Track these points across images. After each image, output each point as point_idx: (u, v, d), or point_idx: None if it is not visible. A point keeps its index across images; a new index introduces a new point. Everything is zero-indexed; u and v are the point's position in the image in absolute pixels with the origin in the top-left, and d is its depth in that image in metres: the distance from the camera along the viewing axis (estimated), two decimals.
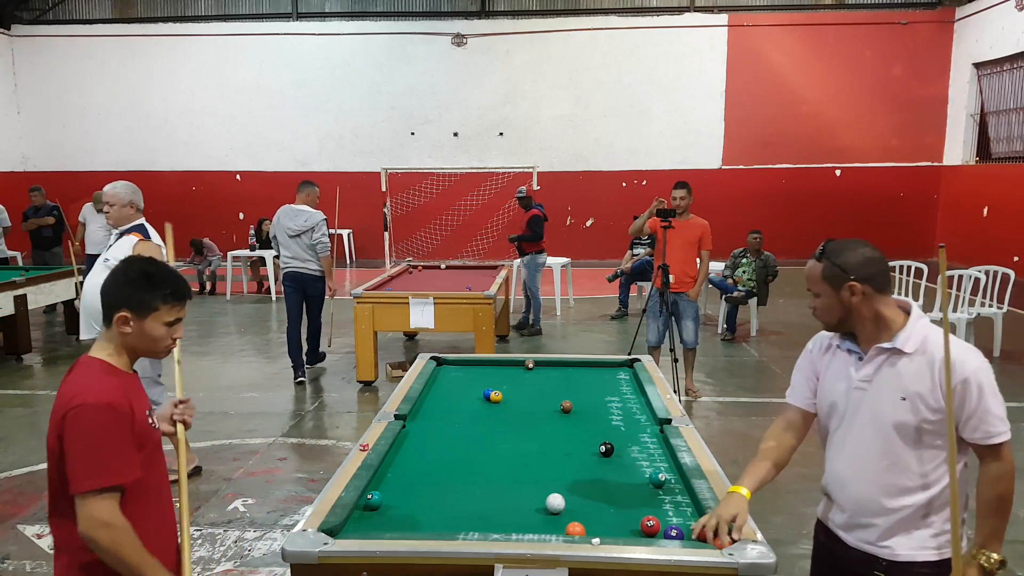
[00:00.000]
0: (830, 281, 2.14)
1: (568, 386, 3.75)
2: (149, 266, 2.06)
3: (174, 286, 2.05)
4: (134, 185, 4.74)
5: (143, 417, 1.99)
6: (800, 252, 14.85)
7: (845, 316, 2.14)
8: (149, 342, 2.05)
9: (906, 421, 2.05)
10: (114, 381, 1.98)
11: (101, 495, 1.85)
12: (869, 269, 2.10)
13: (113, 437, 1.89)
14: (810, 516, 4.26)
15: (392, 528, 2.22)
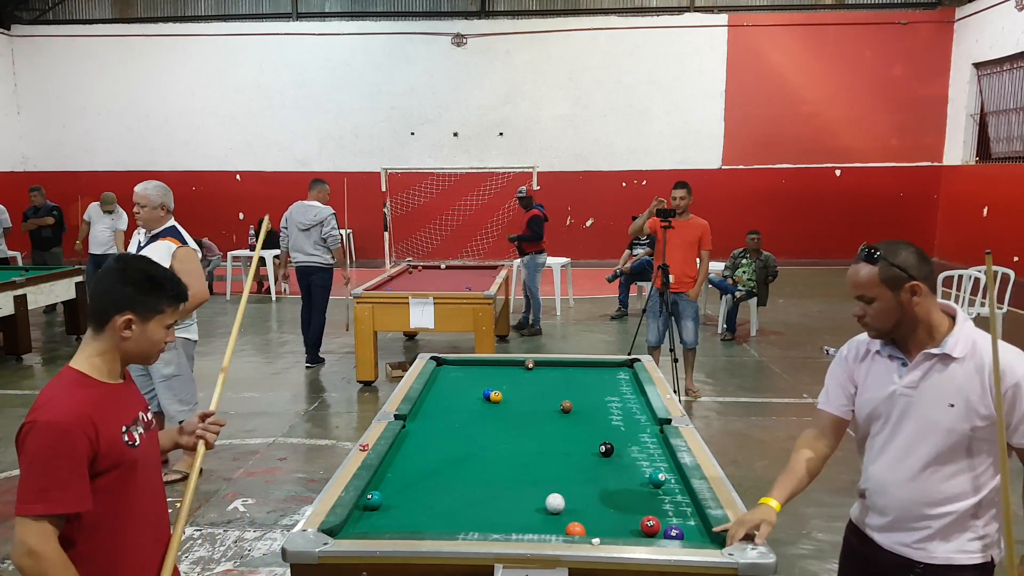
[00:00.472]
0: (889, 284, 2.02)
1: (568, 386, 3.75)
2: (150, 267, 1.97)
3: (176, 289, 1.98)
4: (165, 185, 4.65)
5: (114, 436, 1.81)
6: (800, 252, 14.93)
7: (901, 320, 2.05)
8: (148, 346, 1.94)
9: (955, 428, 2.01)
10: (81, 396, 1.81)
11: (36, 520, 1.70)
12: (925, 269, 2.04)
13: (58, 463, 1.71)
14: (810, 516, 4.28)
15: (392, 528, 2.22)
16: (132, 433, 1.88)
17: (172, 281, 1.97)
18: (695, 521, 2.29)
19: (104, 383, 1.88)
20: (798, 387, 6.90)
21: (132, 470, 1.87)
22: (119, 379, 1.94)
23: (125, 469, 1.84)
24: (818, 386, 6.89)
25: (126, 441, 1.85)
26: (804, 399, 6.53)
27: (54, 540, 1.71)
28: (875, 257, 2.03)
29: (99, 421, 1.78)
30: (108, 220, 9.39)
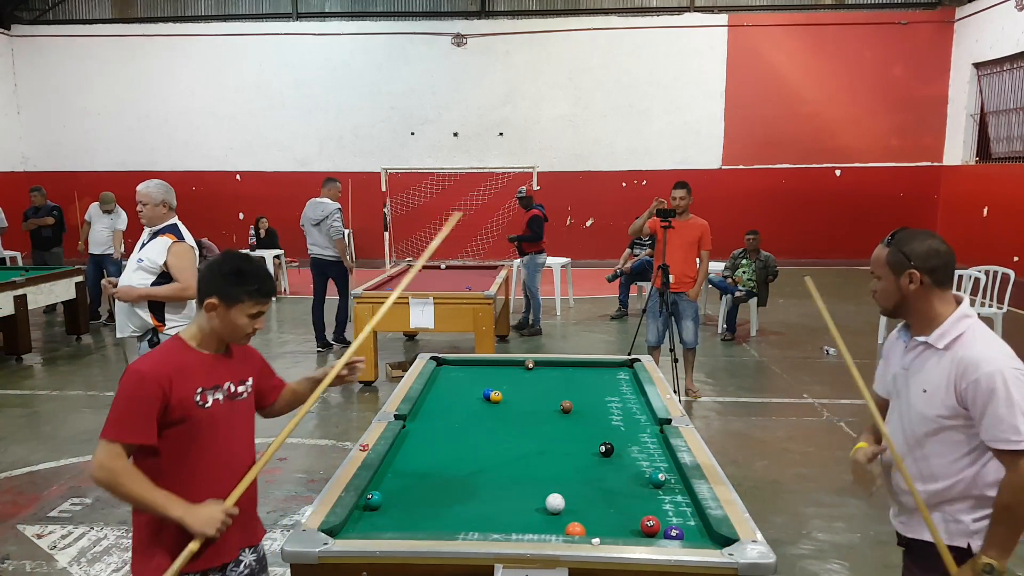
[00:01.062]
0: (892, 267, 2.18)
1: (568, 386, 3.75)
2: (242, 263, 2.25)
3: (261, 284, 2.24)
4: (167, 184, 4.70)
5: (186, 394, 2.12)
6: (800, 252, 14.92)
7: (900, 302, 2.21)
8: (232, 329, 2.23)
9: (925, 413, 2.15)
10: (168, 356, 2.17)
11: (108, 443, 2.06)
12: (933, 261, 2.14)
13: (131, 403, 2.08)
14: (810, 516, 4.28)
15: (392, 528, 2.22)
16: (206, 396, 2.17)
17: (258, 277, 2.24)
18: (695, 521, 2.29)
19: (197, 351, 2.22)
20: (798, 387, 6.90)
21: (201, 424, 2.16)
22: (216, 351, 2.26)
23: (194, 423, 2.14)
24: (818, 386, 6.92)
25: (197, 401, 2.15)
26: (804, 399, 6.54)
27: (121, 459, 2.06)
28: (889, 241, 2.21)
29: (176, 379, 2.11)
30: (107, 220, 9.39)
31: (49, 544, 3.99)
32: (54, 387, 7.01)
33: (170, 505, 2.08)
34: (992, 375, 2.01)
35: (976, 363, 2.04)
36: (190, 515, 2.08)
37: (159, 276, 4.59)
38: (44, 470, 5.03)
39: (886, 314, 2.31)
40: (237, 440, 2.27)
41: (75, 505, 4.46)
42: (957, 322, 2.14)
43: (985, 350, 2.07)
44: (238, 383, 2.29)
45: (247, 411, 2.33)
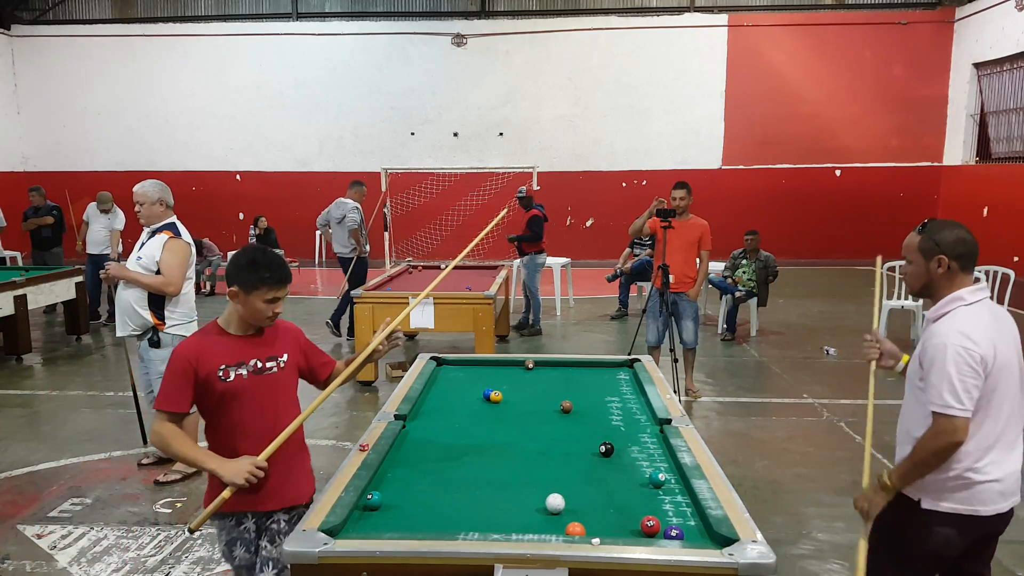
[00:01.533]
0: (924, 252, 2.46)
1: (568, 386, 3.75)
2: (256, 254, 2.54)
3: (273, 272, 2.51)
4: (163, 183, 4.77)
5: (211, 369, 2.48)
6: (800, 252, 14.92)
7: (928, 284, 2.48)
8: (253, 312, 2.54)
9: (911, 377, 2.50)
10: (201, 337, 2.59)
11: (158, 412, 2.52)
12: (960, 249, 2.42)
13: (170, 376, 2.52)
14: (810, 516, 4.28)
15: (392, 528, 2.22)
16: (228, 372, 2.51)
17: (271, 266, 2.51)
18: (695, 521, 2.29)
19: (228, 333, 2.59)
20: (798, 387, 6.90)
21: (226, 396, 2.51)
22: (245, 332, 2.59)
23: (220, 395, 2.50)
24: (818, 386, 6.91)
25: (219, 376, 2.49)
26: (804, 399, 6.53)
27: (167, 424, 2.48)
28: (923, 229, 2.48)
29: (204, 355, 2.51)
30: (105, 220, 9.38)
31: (49, 544, 3.99)
32: (54, 387, 7.01)
33: (207, 460, 2.47)
34: (938, 346, 2.33)
35: (934, 334, 2.37)
36: (223, 468, 2.43)
37: (158, 273, 4.61)
38: (44, 470, 5.03)
39: (913, 293, 2.58)
40: (271, 407, 2.57)
41: (75, 505, 4.46)
42: (949, 303, 2.42)
43: (949, 326, 2.35)
44: (265, 360, 2.58)
45: (280, 383, 2.61)
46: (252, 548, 2.62)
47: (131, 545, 3.97)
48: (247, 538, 2.62)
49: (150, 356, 4.70)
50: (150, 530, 4.14)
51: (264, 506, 2.57)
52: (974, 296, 2.41)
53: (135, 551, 3.90)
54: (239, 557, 2.64)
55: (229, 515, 2.58)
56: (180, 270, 4.62)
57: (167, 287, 4.58)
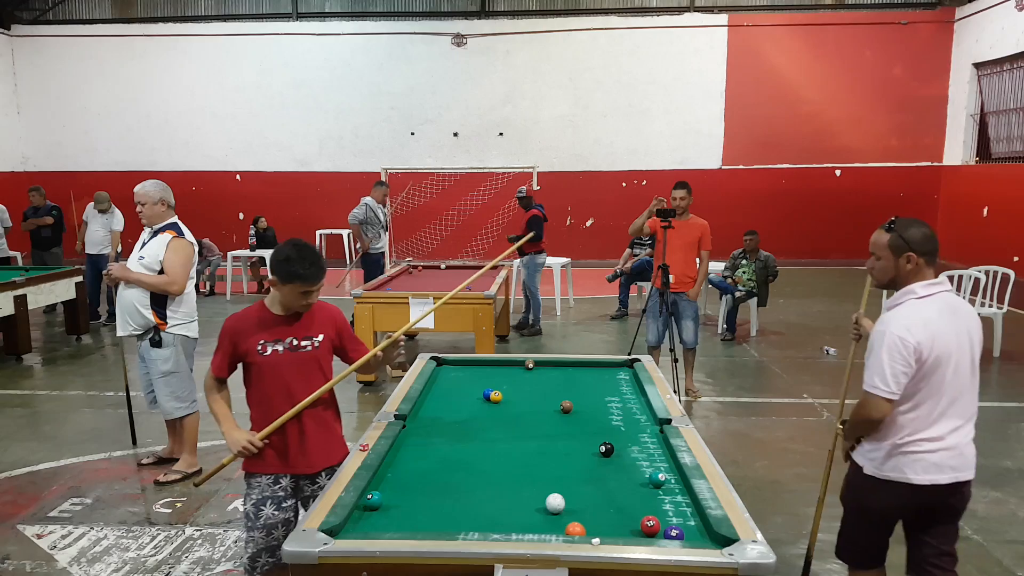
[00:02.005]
0: (893, 249, 2.66)
1: (568, 386, 3.75)
2: (292, 251, 2.78)
3: (305, 270, 2.75)
4: (163, 183, 4.78)
5: (251, 343, 2.83)
6: (800, 252, 14.92)
7: (895, 279, 2.68)
8: (288, 299, 2.83)
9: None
10: (246, 315, 2.90)
11: (208, 373, 2.93)
12: (927, 246, 2.64)
13: (218, 343, 2.89)
14: (810, 516, 4.26)
15: (392, 528, 2.22)
16: (266, 347, 2.83)
17: (303, 264, 2.75)
18: (695, 521, 2.29)
19: (270, 312, 2.88)
20: (798, 387, 6.90)
21: (262, 368, 2.85)
22: (286, 313, 2.87)
23: (257, 366, 2.85)
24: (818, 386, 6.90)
25: (258, 349, 2.83)
26: (804, 399, 6.53)
27: (211, 383, 2.93)
28: (891, 228, 2.68)
29: (245, 330, 2.86)
30: (103, 220, 9.35)
31: (49, 544, 3.99)
32: (54, 387, 7.01)
33: (223, 423, 2.87)
34: (880, 333, 2.58)
35: (881, 322, 2.62)
36: (228, 434, 2.83)
37: (161, 272, 4.61)
38: (44, 470, 5.03)
39: (879, 287, 2.77)
40: (300, 382, 2.85)
41: (75, 505, 4.46)
42: (903, 295, 2.65)
43: (894, 317, 2.60)
44: (301, 339, 2.87)
45: (311, 361, 2.89)
46: (282, 507, 2.84)
47: (131, 545, 3.97)
48: (280, 496, 2.85)
49: (151, 356, 4.70)
50: (150, 530, 4.14)
51: (306, 469, 2.88)
52: (926, 290, 2.62)
53: (135, 551, 3.90)
54: (267, 515, 2.83)
55: (266, 474, 2.86)
56: (183, 269, 4.63)
57: (171, 286, 4.59)
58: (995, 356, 7.79)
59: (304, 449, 2.85)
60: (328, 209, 15.88)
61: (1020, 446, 5.48)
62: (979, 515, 4.31)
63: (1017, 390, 6.78)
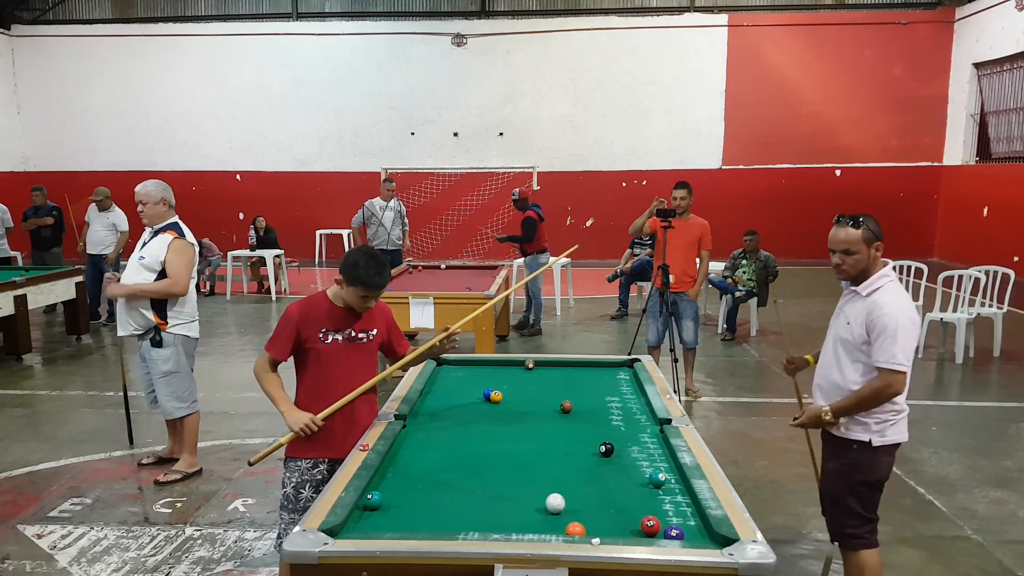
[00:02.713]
0: (867, 242, 2.91)
1: (568, 386, 3.75)
2: (360, 258, 2.95)
3: (368, 279, 2.92)
4: (164, 183, 4.79)
5: (313, 329, 3.01)
6: (800, 252, 14.91)
7: (865, 268, 2.94)
8: (351, 301, 3.02)
9: (847, 338, 2.97)
10: (311, 303, 3.07)
11: (264, 352, 3.06)
12: (881, 234, 2.96)
13: (279, 328, 3.05)
14: (810, 516, 4.28)
15: (392, 528, 2.21)
16: (327, 335, 3.03)
17: (368, 273, 2.92)
18: (695, 521, 2.29)
19: (332, 303, 3.07)
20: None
21: (322, 354, 3.04)
22: (345, 306, 3.05)
23: (316, 352, 3.04)
24: None
25: (319, 336, 3.02)
26: (804, 399, 6.52)
27: (266, 363, 3.05)
28: (860, 224, 2.92)
29: (309, 318, 3.03)
30: (105, 219, 9.26)
31: (49, 544, 3.99)
32: (54, 387, 7.01)
33: (281, 403, 3.01)
34: (891, 315, 2.83)
35: (882, 306, 2.85)
36: (288, 414, 2.98)
37: (162, 273, 4.61)
38: (44, 470, 5.02)
39: (851, 279, 2.99)
40: (355, 370, 3.06)
41: (75, 505, 4.46)
42: (878, 279, 2.93)
43: (892, 300, 2.87)
44: (359, 331, 3.08)
45: (365, 351, 3.11)
46: (319, 490, 2.83)
47: (131, 545, 3.97)
48: (318, 480, 3.02)
49: (152, 356, 4.70)
50: (150, 530, 4.14)
51: (341, 454, 2.88)
52: (893, 273, 2.97)
53: (135, 551, 3.90)
54: (306, 498, 3.00)
55: (305, 459, 3.04)
56: (186, 270, 4.63)
57: (174, 288, 4.59)
58: (995, 356, 7.79)
59: (350, 434, 3.00)
60: (328, 209, 15.89)
61: (1020, 446, 5.48)
62: (979, 515, 4.31)
63: (1017, 390, 6.78)
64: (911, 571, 3.69)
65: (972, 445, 5.44)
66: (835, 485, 3.06)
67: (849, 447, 2.98)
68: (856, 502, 3.02)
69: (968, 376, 7.32)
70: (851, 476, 3.00)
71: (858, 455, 2.97)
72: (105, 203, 9.31)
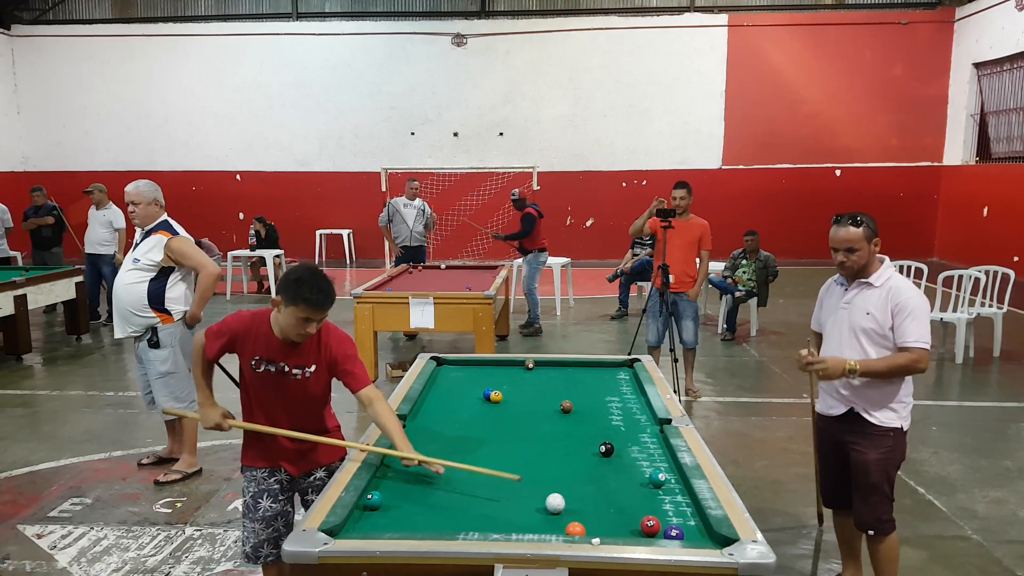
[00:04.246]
0: (868, 239, 3.11)
1: (568, 386, 3.75)
2: (305, 273, 2.63)
3: (311, 296, 2.58)
4: (154, 183, 4.84)
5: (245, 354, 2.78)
6: (800, 252, 14.91)
7: (867, 263, 3.13)
8: (286, 324, 2.66)
9: (868, 327, 3.12)
10: (253, 322, 2.78)
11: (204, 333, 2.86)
12: (877, 230, 3.16)
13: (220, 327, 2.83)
14: (810, 516, 4.28)
15: (392, 528, 2.22)
16: (260, 364, 2.76)
17: (315, 289, 2.59)
18: (695, 521, 2.29)
19: (271, 331, 2.74)
20: (798, 387, 6.89)
21: (254, 380, 2.80)
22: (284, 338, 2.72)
23: (249, 376, 2.81)
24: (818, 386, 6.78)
25: (251, 363, 2.77)
26: (804, 399, 6.53)
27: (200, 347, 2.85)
28: (860, 222, 3.11)
29: (247, 336, 2.76)
30: (101, 217, 9.17)
31: (49, 544, 3.99)
32: (54, 387, 7.01)
33: (200, 392, 2.94)
34: (913, 297, 3.06)
35: (903, 290, 3.08)
36: (200, 407, 2.93)
37: (158, 273, 4.63)
38: (44, 470, 5.03)
39: (852, 276, 3.18)
40: (288, 401, 2.81)
41: (75, 505, 4.46)
42: (887, 269, 3.17)
43: (909, 285, 3.11)
44: (293, 366, 2.77)
45: (298, 387, 2.80)
46: (278, 499, 2.90)
47: (131, 545, 3.97)
48: (275, 489, 2.90)
49: (149, 357, 4.70)
50: (150, 530, 4.14)
51: (294, 472, 2.90)
52: (892, 266, 3.22)
53: (135, 551, 3.90)
54: (264, 507, 2.89)
55: (262, 469, 2.90)
56: (203, 254, 4.79)
57: (211, 274, 4.73)
58: (995, 356, 7.79)
59: (291, 456, 2.88)
60: (328, 209, 15.89)
61: (1020, 446, 5.48)
62: (979, 515, 4.31)
63: (1017, 390, 6.78)
64: (911, 571, 3.70)
65: (972, 445, 5.45)
66: (876, 474, 3.15)
67: (887, 435, 3.14)
68: (889, 487, 3.19)
69: (968, 376, 7.32)
70: (889, 462, 3.17)
71: (895, 441, 3.16)
72: (100, 199, 9.20)
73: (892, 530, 3.21)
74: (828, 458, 3.41)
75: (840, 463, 3.32)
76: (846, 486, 3.31)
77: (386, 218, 9.53)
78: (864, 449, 3.16)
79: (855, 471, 3.21)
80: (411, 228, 9.44)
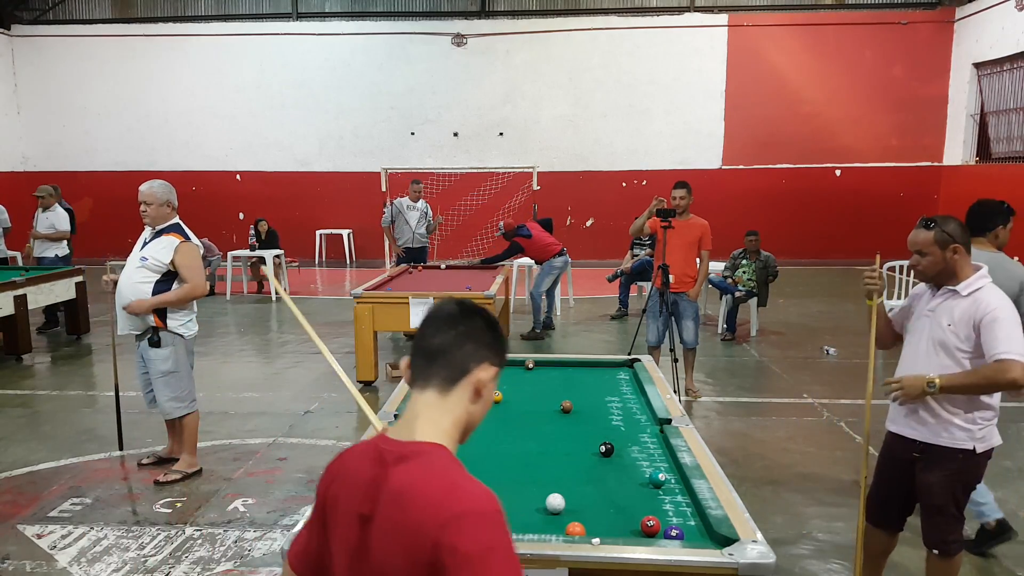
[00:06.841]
0: (940, 244, 2.92)
1: (568, 386, 3.75)
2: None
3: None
4: (169, 184, 4.80)
5: None
6: (800, 252, 14.92)
7: (943, 271, 2.94)
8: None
9: (947, 341, 2.91)
10: None
11: None
12: (965, 237, 2.95)
13: None
14: (810, 516, 4.28)
15: None
16: None
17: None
18: (695, 521, 2.29)
19: None
20: (798, 387, 6.90)
21: None
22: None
23: None
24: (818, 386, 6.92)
25: None
26: (804, 399, 6.53)
27: None
28: (931, 226, 2.93)
29: None
30: (45, 220, 8.91)
31: (49, 544, 3.99)
32: (54, 387, 7.01)
33: None
34: (1003, 307, 2.85)
35: (989, 302, 2.85)
36: None
37: (164, 276, 4.61)
38: (44, 470, 5.03)
39: (926, 280, 3.03)
40: None
41: (75, 505, 4.46)
42: (978, 279, 2.93)
43: (997, 298, 2.88)
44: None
45: None
46: None
47: (131, 545, 3.97)
48: None
49: (150, 356, 4.70)
50: (150, 530, 4.14)
51: None
52: (988, 276, 2.99)
53: (135, 551, 3.90)
54: None
55: None
56: (201, 272, 4.73)
57: (195, 292, 4.66)
58: None
59: None
60: (328, 209, 15.88)
61: (1020, 446, 5.47)
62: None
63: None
64: (911, 571, 3.69)
65: None
66: (939, 495, 3.00)
67: (954, 456, 2.96)
68: (956, 508, 3.03)
69: None
70: (955, 484, 3.00)
71: (963, 464, 2.97)
72: (47, 201, 8.97)
73: (959, 551, 3.07)
74: (885, 471, 3.22)
75: (896, 479, 3.15)
76: (894, 505, 3.18)
77: (389, 218, 9.59)
78: (927, 468, 3.01)
79: (918, 489, 3.07)
80: (414, 230, 9.52)
